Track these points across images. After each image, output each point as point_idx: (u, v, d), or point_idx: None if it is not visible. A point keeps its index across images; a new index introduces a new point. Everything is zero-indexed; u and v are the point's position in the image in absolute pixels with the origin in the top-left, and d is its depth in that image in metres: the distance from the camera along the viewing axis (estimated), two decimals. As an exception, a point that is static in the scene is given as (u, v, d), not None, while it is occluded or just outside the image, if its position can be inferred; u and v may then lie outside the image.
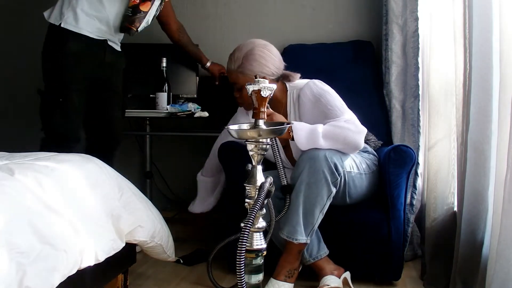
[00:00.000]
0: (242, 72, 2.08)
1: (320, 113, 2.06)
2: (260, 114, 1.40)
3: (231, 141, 2.19)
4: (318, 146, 1.92)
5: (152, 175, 3.09)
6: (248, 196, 1.42)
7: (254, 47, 2.10)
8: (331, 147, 1.93)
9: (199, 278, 2.21)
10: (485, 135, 1.76)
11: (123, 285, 1.94)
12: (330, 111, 2.04)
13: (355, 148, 1.97)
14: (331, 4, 2.90)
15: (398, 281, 2.16)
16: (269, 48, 2.12)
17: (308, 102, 2.10)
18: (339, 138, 1.93)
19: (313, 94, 2.09)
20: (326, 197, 1.92)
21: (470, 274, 1.81)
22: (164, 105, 2.75)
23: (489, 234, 1.75)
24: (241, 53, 2.09)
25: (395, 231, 2.07)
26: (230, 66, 2.12)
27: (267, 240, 1.67)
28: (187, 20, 3.09)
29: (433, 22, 2.34)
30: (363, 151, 2.16)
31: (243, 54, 2.08)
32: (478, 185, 1.80)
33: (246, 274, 1.38)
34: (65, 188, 1.48)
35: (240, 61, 2.08)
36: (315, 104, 2.08)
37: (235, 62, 2.10)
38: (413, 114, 2.47)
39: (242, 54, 2.09)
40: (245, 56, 2.08)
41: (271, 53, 2.12)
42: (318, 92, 2.08)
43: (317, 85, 2.11)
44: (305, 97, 2.10)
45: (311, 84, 2.12)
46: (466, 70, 1.85)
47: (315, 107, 2.08)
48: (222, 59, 3.05)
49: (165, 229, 1.92)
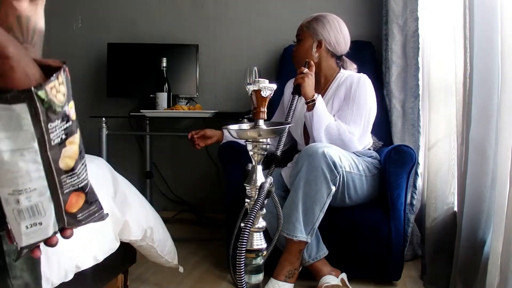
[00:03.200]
0: (307, 27, 2.26)
1: (342, 103, 2.15)
2: (260, 114, 1.40)
3: (231, 141, 2.19)
4: (318, 132, 2.05)
5: (152, 175, 3.09)
6: (248, 196, 1.41)
7: (329, 15, 2.29)
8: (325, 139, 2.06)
9: (199, 278, 2.21)
10: (486, 134, 1.76)
11: (123, 285, 1.94)
12: (349, 112, 2.11)
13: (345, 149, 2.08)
14: (331, 5, 2.90)
15: (398, 281, 2.15)
16: (341, 24, 2.28)
17: (345, 90, 2.18)
18: (337, 142, 2.05)
19: (355, 86, 2.15)
20: (326, 195, 1.92)
21: (470, 274, 1.81)
22: (164, 105, 2.75)
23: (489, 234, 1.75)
24: (317, 14, 2.29)
25: (395, 231, 2.07)
26: (302, 22, 2.31)
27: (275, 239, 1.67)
28: (187, 20, 3.09)
29: (433, 22, 2.34)
30: (367, 156, 2.16)
31: (317, 15, 2.28)
32: (479, 185, 1.80)
33: (246, 274, 1.38)
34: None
35: (312, 18, 2.27)
36: (347, 93, 2.16)
37: (307, 18, 2.29)
38: (413, 114, 2.47)
39: (316, 14, 2.28)
40: (317, 16, 2.27)
41: (340, 27, 2.26)
42: (359, 89, 2.15)
43: (365, 83, 2.17)
44: (349, 83, 2.18)
45: (363, 78, 2.19)
46: (467, 70, 1.84)
47: (345, 96, 2.16)
48: (222, 59, 3.07)
49: (162, 232, 1.89)
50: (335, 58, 2.29)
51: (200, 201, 3.10)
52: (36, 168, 0.70)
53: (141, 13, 3.13)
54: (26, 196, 0.71)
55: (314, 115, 2.06)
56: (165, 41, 3.02)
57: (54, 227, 0.77)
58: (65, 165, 0.73)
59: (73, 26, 3.19)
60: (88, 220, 0.82)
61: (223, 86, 3.06)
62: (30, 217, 0.73)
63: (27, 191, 0.71)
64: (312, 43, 2.23)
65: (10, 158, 0.67)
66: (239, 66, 2.88)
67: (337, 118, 2.12)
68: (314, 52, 2.24)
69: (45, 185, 0.72)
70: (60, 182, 0.73)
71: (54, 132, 0.69)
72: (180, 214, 3.08)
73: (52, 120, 0.68)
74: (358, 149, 2.11)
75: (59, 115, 0.69)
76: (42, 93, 0.65)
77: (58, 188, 0.74)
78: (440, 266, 2.08)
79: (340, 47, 2.26)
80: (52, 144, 0.70)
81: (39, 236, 0.76)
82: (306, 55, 2.23)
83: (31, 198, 0.72)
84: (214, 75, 3.07)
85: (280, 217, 1.59)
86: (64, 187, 0.74)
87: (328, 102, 2.20)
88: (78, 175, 0.76)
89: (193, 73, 2.96)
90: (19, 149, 0.67)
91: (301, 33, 2.28)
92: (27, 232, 0.74)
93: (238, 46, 3.05)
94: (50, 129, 0.68)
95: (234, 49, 3.05)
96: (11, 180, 0.69)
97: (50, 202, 0.74)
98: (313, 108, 2.06)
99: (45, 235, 0.77)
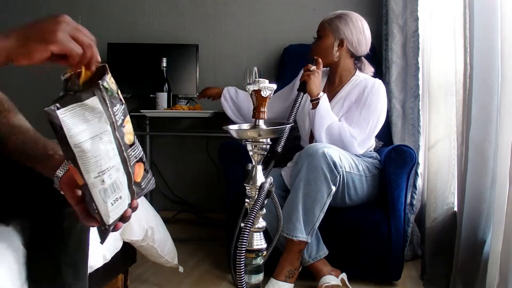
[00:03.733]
0: (329, 24, 2.22)
1: (353, 105, 2.14)
2: (260, 114, 1.40)
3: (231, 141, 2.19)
4: (319, 131, 2.05)
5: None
6: (248, 196, 1.41)
7: (353, 14, 2.24)
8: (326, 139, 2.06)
9: (199, 278, 2.21)
10: (486, 135, 1.76)
11: (123, 285, 1.94)
12: (357, 115, 2.10)
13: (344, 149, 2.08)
14: (331, 4, 2.89)
15: (398, 281, 2.15)
16: (364, 24, 2.24)
17: (358, 93, 2.16)
18: (337, 143, 2.05)
19: (368, 91, 2.14)
20: (326, 195, 1.92)
21: (470, 274, 1.81)
22: (164, 105, 2.75)
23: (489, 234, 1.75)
24: (340, 12, 2.24)
25: (395, 231, 2.07)
26: (323, 19, 2.26)
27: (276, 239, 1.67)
28: (187, 20, 3.09)
29: (433, 22, 2.34)
30: (367, 156, 2.16)
31: (340, 13, 2.24)
32: (479, 185, 1.80)
33: (246, 274, 1.38)
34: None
35: (335, 16, 2.23)
36: (358, 98, 2.14)
37: (330, 15, 2.24)
38: (413, 114, 2.47)
39: (340, 12, 2.24)
40: (340, 14, 2.23)
41: (363, 28, 2.23)
42: (372, 94, 2.13)
43: (379, 90, 2.16)
44: (363, 87, 2.16)
45: (377, 83, 2.17)
46: (467, 70, 1.85)
47: (357, 99, 2.15)
48: (222, 59, 3.07)
49: (162, 232, 1.89)
50: (354, 59, 2.26)
51: (200, 201, 3.10)
52: (111, 148, 0.83)
53: (141, 13, 3.13)
54: (108, 175, 0.84)
55: (317, 114, 2.06)
56: (165, 41, 3.01)
57: (128, 198, 0.91)
58: (128, 140, 0.88)
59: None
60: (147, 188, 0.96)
61: (223, 86, 3.05)
62: (113, 193, 0.86)
63: (108, 170, 0.83)
64: (334, 41, 2.21)
65: (91, 145, 0.80)
66: (239, 66, 2.88)
67: (343, 119, 2.12)
68: (335, 51, 2.21)
69: (119, 161, 0.86)
70: (128, 156, 0.88)
71: (118, 115, 0.84)
72: (180, 214, 3.08)
73: (115, 104, 0.84)
74: (358, 152, 2.11)
75: (117, 100, 0.84)
76: (106, 83, 0.81)
77: (127, 162, 0.88)
78: (440, 266, 2.08)
79: (361, 48, 2.23)
80: (117, 125, 0.84)
81: (121, 210, 0.90)
82: (326, 53, 2.21)
83: (112, 175, 0.85)
84: (214, 75, 3.07)
85: (280, 217, 1.59)
86: (131, 159, 0.89)
87: (338, 102, 2.20)
88: (138, 147, 0.92)
89: (193, 73, 2.96)
90: (97, 134, 0.81)
91: (322, 30, 2.24)
92: (112, 208, 0.86)
93: (238, 46, 3.05)
94: (115, 112, 0.84)
95: (234, 49, 3.06)
96: (95, 163, 0.81)
97: (124, 175, 0.88)
98: (317, 107, 2.06)
99: (124, 207, 0.91)
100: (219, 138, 2.81)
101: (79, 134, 0.78)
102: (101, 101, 0.81)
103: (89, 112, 0.80)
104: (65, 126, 0.77)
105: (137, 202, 0.95)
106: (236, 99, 2.46)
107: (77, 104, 0.78)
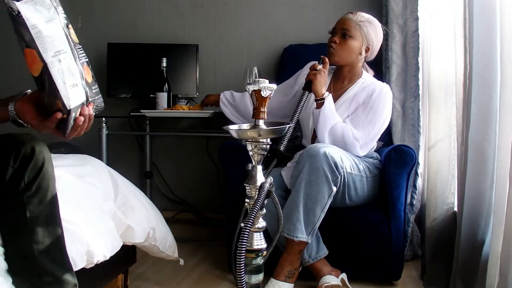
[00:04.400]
0: (360, 26, 2.18)
1: (359, 108, 2.14)
2: (260, 114, 1.40)
3: (231, 141, 2.19)
4: (322, 131, 2.05)
5: (152, 175, 3.09)
6: (248, 196, 1.42)
7: (378, 22, 2.25)
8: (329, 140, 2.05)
9: (199, 278, 2.21)
10: (486, 135, 1.76)
11: (123, 285, 1.94)
12: (363, 118, 2.11)
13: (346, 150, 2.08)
14: (331, 4, 2.90)
15: (398, 281, 2.15)
16: (382, 33, 2.26)
17: (365, 96, 2.16)
18: (340, 144, 2.05)
19: (376, 95, 2.13)
20: (327, 196, 1.92)
21: (470, 274, 1.81)
22: (164, 105, 2.75)
23: (488, 234, 1.75)
24: (368, 16, 2.23)
25: (395, 231, 2.07)
26: (350, 16, 2.21)
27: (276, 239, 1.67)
28: (187, 20, 3.09)
29: (433, 22, 2.34)
30: (368, 157, 2.16)
31: (369, 18, 2.22)
32: (478, 185, 1.80)
33: (246, 274, 1.38)
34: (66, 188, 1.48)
35: (365, 19, 2.20)
36: (365, 101, 2.14)
37: (359, 17, 2.20)
38: (413, 114, 2.47)
39: (368, 17, 2.22)
40: (370, 19, 2.22)
41: (381, 37, 2.26)
42: (380, 99, 2.13)
43: (387, 95, 2.16)
44: (371, 90, 2.16)
45: (385, 88, 2.18)
46: (467, 70, 1.85)
47: (364, 102, 2.14)
48: (222, 59, 3.07)
49: (163, 229, 1.90)
50: (363, 63, 2.30)
51: (200, 201, 3.10)
52: (62, 34, 1.02)
53: (141, 13, 3.13)
54: (64, 57, 1.00)
55: (321, 114, 2.06)
56: (165, 41, 3.01)
57: (83, 94, 1.05)
58: (75, 39, 1.08)
59: (73, 26, 3.19)
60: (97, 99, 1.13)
61: (223, 86, 3.05)
62: (70, 76, 1.00)
63: (63, 52, 1.00)
64: (361, 45, 2.19)
65: (46, 27, 0.99)
66: (239, 66, 2.88)
67: (348, 121, 2.12)
68: (360, 55, 2.21)
69: (69, 50, 1.03)
70: (76, 51, 1.05)
71: (62, 14, 1.07)
72: (180, 214, 3.08)
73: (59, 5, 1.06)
74: (359, 154, 2.11)
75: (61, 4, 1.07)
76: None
77: (77, 56, 1.04)
78: (440, 266, 2.08)
79: (374, 55, 2.27)
80: (64, 22, 1.05)
81: (78, 99, 1.03)
82: (350, 54, 2.19)
83: (66, 60, 1.01)
84: (214, 75, 3.07)
85: (280, 217, 1.60)
86: (79, 56, 1.06)
87: (345, 102, 2.19)
88: (83, 51, 1.09)
89: (193, 73, 2.95)
90: (49, 20, 1.00)
91: (352, 30, 2.18)
92: (71, 92, 1.00)
93: (238, 46, 3.05)
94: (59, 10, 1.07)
95: (234, 49, 3.05)
96: (51, 44, 0.99)
97: (76, 66, 1.03)
98: (321, 106, 2.06)
99: (81, 98, 1.05)
100: (219, 138, 2.81)
101: (34, 18, 0.98)
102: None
103: (39, 5, 1.00)
104: (23, 12, 0.97)
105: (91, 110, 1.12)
106: (233, 101, 2.46)
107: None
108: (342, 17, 2.24)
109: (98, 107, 1.15)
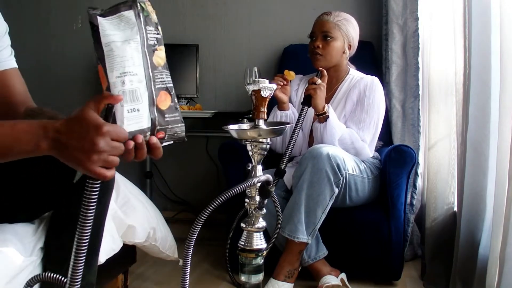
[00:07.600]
0: (339, 26, 2.19)
1: (356, 106, 2.14)
2: (260, 114, 1.40)
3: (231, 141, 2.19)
4: (331, 142, 2.03)
5: (152, 175, 3.09)
6: (248, 196, 1.42)
7: (351, 17, 2.25)
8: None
9: (199, 278, 2.21)
10: (484, 135, 1.76)
11: (123, 285, 1.94)
12: (363, 116, 2.11)
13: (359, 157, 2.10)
14: (331, 4, 2.89)
15: (398, 281, 2.16)
16: (358, 27, 2.27)
17: (358, 93, 2.16)
18: (350, 151, 2.06)
19: (369, 90, 2.14)
20: (329, 197, 1.92)
21: (469, 274, 1.81)
22: (164, 105, 2.75)
23: (487, 234, 1.74)
24: (343, 14, 2.23)
25: (395, 231, 2.07)
26: (326, 18, 2.21)
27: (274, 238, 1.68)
28: (187, 20, 3.09)
29: (433, 22, 2.34)
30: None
31: (345, 16, 2.23)
32: (477, 185, 1.80)
33: (246, 274, 1.38)
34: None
35: (341, 18, 2.20)
36: (360, 99, 2.14)
37: (335, 17, 2.21)
38: (413, 114, 2.47)
39: (345, 15, 2.23)
40: (346, 18, 2.22)
41: (358, 30, 2.27)
42: (373, 93, 2.14)
43: (378, 88, 2.17)
44: (363, 86, 2.16)
45: (376, 81, 2.18)
46: (466, 69, 1.85)
47: (358, 99, 2.15)
48: (222, 59, 3.07)
49: (163, 229, 1.90)
50: (348, 60, 2.30)
51: (200, 201, 3.10)
52: (137, 56, 0.93)
53: (141, 13, 3.13)
54: (130, 79, 0.92)
55: (328, 127, 2.03)
56: (165, 41, 2.98)
57: (148, 121, 0.96)
58: (156, 62, 0.97)
59: (73, 26, 3.19)
60: (173, 127, 1.04)
61: (223, 86, 3.06)
62: (131, 100, 0.92)
63: (130, 74, 0.92)
64: (343, 44, 2.20)
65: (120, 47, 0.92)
66: (239, 66, 2.88)
67: (348, 121, 2.12)
68: (346, 56, 2.23)
69: (143, 73, 0.94)
70: (153, 75, 0.96)
71: (150, 35, 0.97)
72: (180, 214, 3.08)
73: (149, 25, 0.98)
74: (369, 155, 2.12)
75: (153, 24, 0.98)
76: (143, 4, 0.97)
77: (151, 81, 0.96)
78: (440, 266, 2.08)
79: (355, 50, 2.28)
80: (148, 43, 0.96)
81: (136, 125, 0.94)
82: (336, 55, 2.20)
83: (133, 82, 0.93)
84: (214, 75, 3.07)
85: (279, 217, 1.60)
86: (156, 81, 0.97)
87: (340, 103, 2.19)
88: (166, 74, 1.00)
89: (193, 73, 2.96)
90: (126, 40, 0.93)
91: (332, 31, 2.18)
92: (128, 116, 0.92)
93: (238, 46, 3.05)
94: (148, 31, 0.97)
95: (234, 49, 3.06)
96: (120, 64, 0.92)
97: (146, 91, 0.95)
98: (325, 120, 2.04)
99: (141, 125, 0.95)
100: (219, 138, 2.82)
101: (110, 35, 0.92)
102: (136, 15, 0.95)
103: (124, 23, 0.94)
104: (101, 27, 0.93)
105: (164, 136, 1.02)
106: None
107: (115, 15, 0.94)
108: (318, 20, 2.24)
109: (175, 136, 1.07)
